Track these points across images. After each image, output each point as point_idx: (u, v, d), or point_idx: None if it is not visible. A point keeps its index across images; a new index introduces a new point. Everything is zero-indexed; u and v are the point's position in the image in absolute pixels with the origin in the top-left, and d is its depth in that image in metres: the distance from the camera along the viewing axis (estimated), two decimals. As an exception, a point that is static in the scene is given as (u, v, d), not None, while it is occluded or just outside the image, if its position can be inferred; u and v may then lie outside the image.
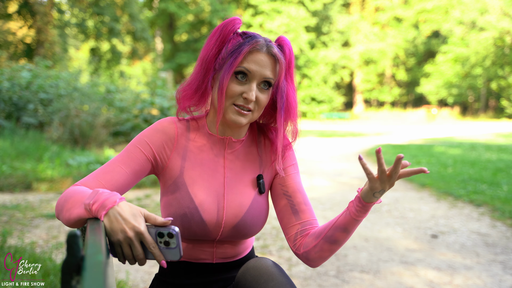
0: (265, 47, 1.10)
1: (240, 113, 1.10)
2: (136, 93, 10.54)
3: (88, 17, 22.61)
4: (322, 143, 13.65)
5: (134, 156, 1.11)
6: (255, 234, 1.20)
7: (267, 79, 1.10)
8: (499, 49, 31.15)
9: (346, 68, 35.76)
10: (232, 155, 1.19)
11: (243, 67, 1.08)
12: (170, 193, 1.14)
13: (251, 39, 1.10)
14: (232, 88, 1.09)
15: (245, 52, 1.08)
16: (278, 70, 1.12)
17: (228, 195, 1.15)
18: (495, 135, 17.49)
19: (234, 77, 1.09)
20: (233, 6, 31.44)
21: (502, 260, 3.21)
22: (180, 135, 1.16)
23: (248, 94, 1.08)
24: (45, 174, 5.56)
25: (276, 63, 1.11)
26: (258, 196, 1.19)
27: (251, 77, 1.09)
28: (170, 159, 1.14)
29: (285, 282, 1.02)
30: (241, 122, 1.11)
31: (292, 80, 1.18)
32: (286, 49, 1.15)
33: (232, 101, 1.10)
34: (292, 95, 1.17)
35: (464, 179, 6.45)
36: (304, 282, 2.78)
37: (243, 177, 1.19)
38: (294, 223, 1.17)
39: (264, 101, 1.12)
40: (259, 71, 1.09)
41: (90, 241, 0.76)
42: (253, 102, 1.10)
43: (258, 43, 1.10)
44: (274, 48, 1.11)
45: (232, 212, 1.14)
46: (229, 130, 1.17)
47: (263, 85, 1.11)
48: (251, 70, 1.08)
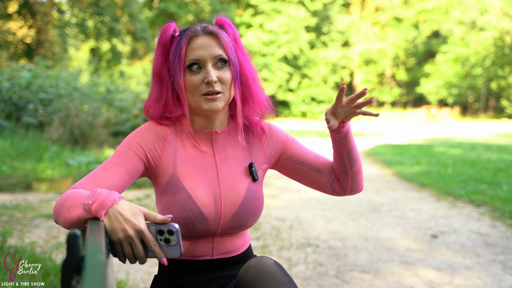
0: (200, 30, 1.13)
1: (211, 99, 1.10)
2: (136, 93, 10.53)
3: (88, 17, 22.60)
4: (322, 143, 13.64)
5: (127, 157, 1.12)
6: (253, 223, 1.21)
7: (218, 57, 1.11)
8: (499, 49, 31.15)
9: (346, 68, 35.75)
10: (220, 147, 1.20)
11: (191, 59, 1.10)
12: (168, 193, 1.14)
13: (186, 31, 1.13)
14: (190, 81, 1.10)
15: (185, 44, 1.11)
16: (223, 44, 1.12)
17: (223, 186, 1.16)
18: (495, 135, 17.49)
19: (188, 71, 1.11)
20: (233, 6, 31.44)
21: (502, 260, 3.21)
22: (168, 134, 1.17)
23: (207, 77, 1.09)
24: (45, 174, 5.56)
25: (218, 38, 1.12)
26: (252, 184, 1.20)
27: (203, 62, 1.10)
28: (162, 157, 1.15)
29: (286, 281, 1.02)
30: (217, 107, 1.11)
31: (244, 53, 1.19)
32: (227, 27, 1.17)
33: (198, 92, 1.10)
34: (247, 65, 1.18)
35: (464, 179, 6.45)
36: (304, 282, 2.78)
37: (235, 167, 1.20)
38: (322, 177, 1.28)
39: (227, 77, 1.12)
40: (207, 53, 1.10)
41: (90, 241, 0.76)
42: (218, 83, 1.10)
43: (192, 30, 1.13)
44: (209, 27, 1.14)
45: (229, 202, 1.15)
46: (209, 122, 1.18)
47: (220, 64, 1.12)
48: (198, 56, 1.10)
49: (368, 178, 6.97)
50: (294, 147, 1.29)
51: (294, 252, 3.38)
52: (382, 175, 7.39)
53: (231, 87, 1.14)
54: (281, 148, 1.28)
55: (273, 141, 1.28)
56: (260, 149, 1.26)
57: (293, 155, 1.28)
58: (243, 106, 1.21)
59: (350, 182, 1.27)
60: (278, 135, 1.29)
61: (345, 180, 1.27)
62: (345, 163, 1.24)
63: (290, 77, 33.00)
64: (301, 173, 1.29)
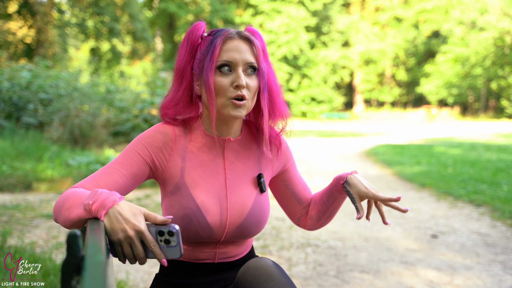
0: (236, 33, 1.12)
1: (238, 105, 1.08)
2: (136, 93, 10.54)
3: (88, 17, 22.62)
4: (322, 143, 13.65)
5: (133, 160, 1.10)
6: (257, 233, 1.20)
7: (250, 64, 1.10)
8: (499, 49, 31.15)
9: (346, 68, 35.77)
10: (231, 155, 1.19)
11: (223, 60, 1.08)
12: (172, 195, 1.13)
13: (220, 32, 1.12)
14: (220, 83, 1.08)
15: (219, 43, 1.08)
16: (256, 52, 1.12)
17: (230, 196, 1.15)
18: (495, 135, 17.49)
19: (218, 72, 1.08)
20: (233, 6, 31.44)
21: (502, 260, 3.21)
22: (178, 137, 1.15)
23: (237, 81, 1.07)
24: (45, 174, 5.56)
25: (251, 45, 1.12)
26: (259, 195, 1.19)
27: (234, 65, 1.08)
28: (170, 162, 1.13)
29: (285, 282, 1.02)
30: (241, 114, 1.10)
31: (269, 64, 1.18)
32: (257, 37, 1.16)
33: (227, 96, 1.08)
34: (273, 78, 1.18)
35: (464, 179, 6.45)
36: (304, 282, 2.78)
37: (244, 177, 1.18)
38: (298, 207, 1.34)
39: (255, 86, 1.11)
40: (240, 57, 1.09)
41: (90, 241, 0.76)
42: (245, 88, 1.09)
43: (228, 31, 1.11)
44: (244, 32, 1.13)
45: (235, 213, 1.14)
46: (226, 130, 1.16)
47: (250, 70, 1.11)
48: (231, 59, 1.08)
49: (368, 178, 6.97)
50: (292, 171, 1.32)
51: (294, 252, 3.38)
52: (382, 175, 7.39)
53: (255, 96, 1.13)
54: (283, 168, 1.29)
55: (282, 158, 1.28)
56: (270, 162, 1.25)
57: (289, 179, 1.31)
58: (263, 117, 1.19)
59: (316, 225, 1.34)
60: (288, 154, 1.30)
61: (313, 221, 1.33)
62: (326, 213, 1.30)
63: (290, 77, 33.01)
64: (284, 196, 1.33)
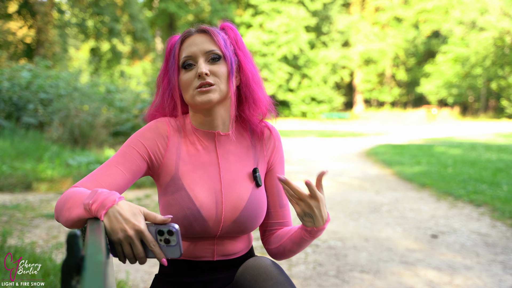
0: (194, 29, 1.16)
1: (204, 91, 1.10)
2: (136, 93, 10.54)
3: (88, 17, 22.62)
4: (322, 143, 13.65)
5: (130, 157, 1.12)
6: (254, 228, 1.20)
7: (210, 52, 1.12)
8: (499, 49, 31.15)
9: (346, 68, 35.76)
10: (223, 149, 1.20)
11: (184, 57, 1.13)
12: (169, 192, 1.14)
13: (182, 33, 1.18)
14: (184, 79, 1.13)
15: (178, 44, 1.15)
16: (216, 39, 1.13)
17: (225, 190, 1.16)
18: (495, 135, 17.49)
19: (183, 70, 1.13)
20: (233, 6, 31.45)
21: (502, 260, 3.21)
22: (172, 133, 1.17)
23: (198, 70, 1.10)
24: (45, 174, 5.56)
25: (210, 35, 1.14)
26: (255, 190, 1.19)
27: (195, 58, 1.12)
28: (165, 157, 1.15)
29: (284, 281, 1.02)
30: (210, 98, 1.10)
31: (246, 54, 1.20)
32: (228, 30, 1.19)
33: (192, 87, 1.12)
34: (249, 65, 1.19)
35: (464, 179, 6.45)
36: (304, 282, 2.78)
37: (239, 171, 1.19)
38: (265, 221, 1.27)
39: (222, 70, 1.12)
40: (198, 48, 1.12)
41: (90, 241, 0.76)
42: (211, 76, 1.11)
43: (186, 31, 1.16)
44: (202, 26, 1.16)
45: (231, 207, 1.14)
46: (211, 122, 1.17)
47: (212, 59, 1.12)
48: (190, 53, 1.12)
49: (368, 178, 6.97)
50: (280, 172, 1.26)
51: (294, 252, 3.38)
52: (382, 175, 7.39)
53: (228, 81, 1.14)
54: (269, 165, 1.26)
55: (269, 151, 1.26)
56: (262, 153, 1.25)
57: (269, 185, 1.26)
58: (243, 106, 1.21)
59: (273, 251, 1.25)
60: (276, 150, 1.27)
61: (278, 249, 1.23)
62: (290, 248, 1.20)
63: (290, 77, 33.00)
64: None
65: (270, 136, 1.27)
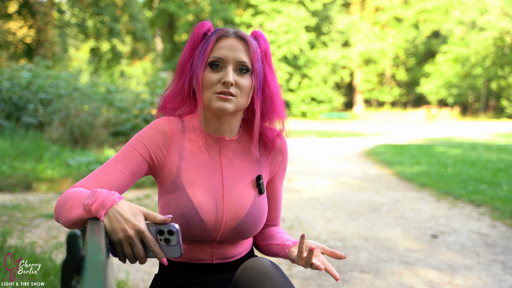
0: (232, 32, 1.13)
1: (223, 99, 1.09)
2: (136, 93, 10.54)
3: (88, 17, 22.62)
4: (322, 143, 13.65)
5: (131, 157, 1.11)
6: (254, 234, 1.19)
7: (241, 63, 1.10)
8: (499, 49, 31.14)
9: (346, 68, 35.75)
10: (229, 154, 1.18)
11: (214, 56, 1.10)
12: (169, 192, 1.14)
13: (218, 30, 1.14)
14: (208, 78, 1.10)
15: (213, 40, 1.11)
16: (251, 52, 1.11)
17: (227, 196, 1.14)
18: (495, 135, 17.49)
19: (208, 68, 1.11)
20: (233, 6, 31.43)
21: (502, 260, 3.21)
22: (176, 134, 1.16)
23: (225, 77, 1.08)
24: (45, 174, 5.56)
25: (247, 45, 1.12)
26: (258, 197, 1.18)
27: (225, 63, 1.10)
28: (167, 159, 1.14)
29: (283, 282, 1.02)
30: (226, 108, 1.09)
31: (271, 68, 1.19)
32: (261, 40, 1.17)
33: (212, 90, 1.10)
34: (272, 82, 1.18)
35: (464, 179, 6.45)
36: (304, 282, 2.78)
37: (242, 177, 1.18)
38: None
39: (246, 84, 1.11)
40: (231, 55, 1.09)
41: (90, 241, 0.76)
42: (234, 86, 1.09)
43: (224, 30, 1.13)
44: (241, 32, 1.13)
45: (232, 214, 1.13)
46: (220, 127, 1.16)
47: (240, 70, 1.11)
48: (222, 56, 1.09)
49: (368, 178, 6.97)
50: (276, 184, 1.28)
51: (294, 252, 3.38)
52: (382, 175, 7.39)
53: (249, 95, 1.13)
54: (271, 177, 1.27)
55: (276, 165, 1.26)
56: (268, 163, 1.24)
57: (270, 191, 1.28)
58: (262, 120, 1.20)
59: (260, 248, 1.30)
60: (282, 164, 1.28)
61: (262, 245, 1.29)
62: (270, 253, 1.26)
63: (290, 77, 33.00)
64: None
65: (279, 149, 1.26)
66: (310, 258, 1.03)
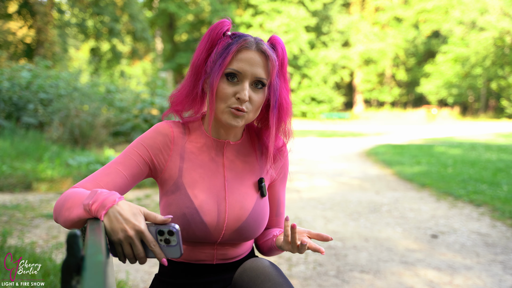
0: (254, 44, 1.09)
1: (236, 115, 1.08)
2: (136, 93, 10.55)
3: (88, 17, 22.61)
4: (322, 143, 13.65)
5: (132, 160, 1.11)
6: (255, 236, 1.20)
7: (259, 79, 1.08)
8: (499, 49, 31.14)
9: (346, 68, 35.75)
10: (231, 157, 1.19)
11: (233, 69, 1.06)
12: (170, 193, 1.14)
13: (240, 38, 1.09)
14: (223, 90, 1.07)
15: (234, 51, 1.06)
16: (270, 68, 1.09)
17: (229, 198, 1.14)
18: (495, 135, 17.49)
19: (224, 78, 1.07)
20: (233, 6, 31.43)
21: (502, 260, 3.21)
22: (176, 137, 1.15)
23: (240, 94, 1.06)
24: (45, 174, 5.56)
25: (267, 60, 1.09)
26: (260, 200, 1.18)
27: (242, 77, 1.07)
28: (168, 161, 1.14)
29: (282, 283, 1.02)
30: (238, 124, 1.09)
31: (285, 79, 1.16)
32: (279, 48, 1.13)
33: (227, 104, 1.07)
34: (285, 95, 1.15)
35: (464, 179, 6.45)
36: (304, 282, 2.78)
37: (244, 180, 1.18)
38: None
39: (259, 101, 1.10)
40: (250, 70, 1.07)
41: (90, 241, 0.76)
42: (247, 102, 1.08)
43: (246, 41, 1.08)
44: (264, 45, 1.09)
45: (234, 216, 1.13)
46: (225, 133, 1.17)
47: (256, 84, 1.09)
48: (241, 70, 1.06)
49: (368, 178, 6.97)
50: (277, 189, 1.28)
51: (294, 252, 3.38)
52: (382, 175, 7.39)
53: (259, 109, 1.12)
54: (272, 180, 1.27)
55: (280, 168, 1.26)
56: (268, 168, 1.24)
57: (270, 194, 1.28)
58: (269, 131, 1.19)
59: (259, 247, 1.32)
60: (283, 169, 1.28)
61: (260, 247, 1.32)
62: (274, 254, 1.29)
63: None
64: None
65: (281, 155, 1.26)
66: (294, 237, 1.04)
